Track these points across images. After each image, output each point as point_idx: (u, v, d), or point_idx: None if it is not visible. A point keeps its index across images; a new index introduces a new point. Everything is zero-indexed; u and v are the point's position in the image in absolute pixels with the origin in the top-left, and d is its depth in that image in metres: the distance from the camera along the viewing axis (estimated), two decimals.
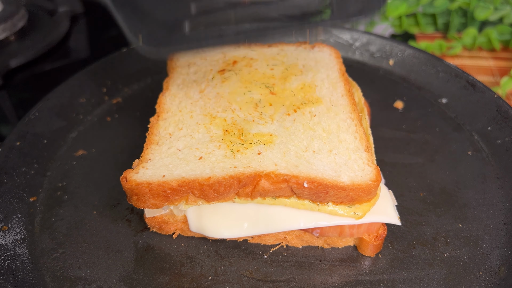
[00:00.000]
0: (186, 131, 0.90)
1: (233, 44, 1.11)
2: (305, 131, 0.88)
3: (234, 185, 0.80)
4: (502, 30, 1.45)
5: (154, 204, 0.83)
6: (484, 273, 0.85)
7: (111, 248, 0.91)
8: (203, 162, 0.83)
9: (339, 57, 1.08)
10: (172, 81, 1.04)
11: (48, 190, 1.02)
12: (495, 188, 0.99)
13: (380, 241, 0.87)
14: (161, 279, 0.86)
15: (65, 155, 1.10)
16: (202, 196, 0.81)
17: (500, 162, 1.04)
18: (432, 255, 0.88)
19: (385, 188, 0.92)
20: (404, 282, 0.85)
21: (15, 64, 1.47)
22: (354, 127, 0.89)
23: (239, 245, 0.91)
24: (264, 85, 0.98)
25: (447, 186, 1.01)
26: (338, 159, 0.84)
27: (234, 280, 0.85)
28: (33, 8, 1.70)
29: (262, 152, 0.84)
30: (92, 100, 1.24)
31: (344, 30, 1.39)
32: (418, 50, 1.30)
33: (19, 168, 1.03)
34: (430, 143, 1.11)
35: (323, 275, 0.86)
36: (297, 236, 0.90)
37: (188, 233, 0.93)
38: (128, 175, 0.82)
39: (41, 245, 0.91)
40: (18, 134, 1.08)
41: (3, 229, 0.91)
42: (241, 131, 0.88)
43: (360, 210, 0.83)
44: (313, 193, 0.80)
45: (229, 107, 0.93)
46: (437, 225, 0.93)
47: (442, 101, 1.21)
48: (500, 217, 0.94)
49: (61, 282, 0.85)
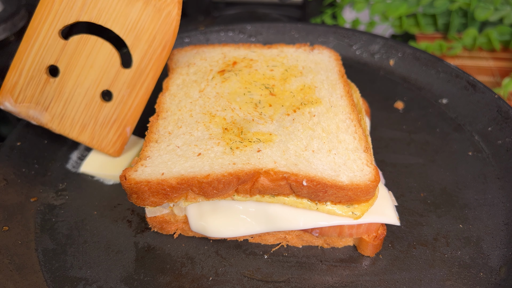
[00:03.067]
0: (185, 129, 0.91)
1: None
2: (304, 130, 0.88)
3: (233, 182, 0.80)
4: (502, 30, 1.45)
5: (153, 202, 0.83)
6: (485, 273, 0.85)
7: (111, 249, 0.91)
8: (202, 159, 0.83)
9: (338, 59, 1.08)
10: (172, 81, 1.04)
11: (49, 191, 1.02)
12: (496, 189, 0.99)
13: (379, 241, 0.87)
14: (162, 280, 0.86)
15: (66, 156, 1.10)
16: (202, 193, 0.81)
17: (500, 163, 1.04)
18: (432, 256, 0.88)
19: (384, 188, 0.92)
20: (405, 283, 0.85)
21: None
22: (353, 128, 0.89)
23: (239, 245, 0.92)
24: (264, 86, 0.98)
25: (447, 186, 1.01)
26: (337, 159, 0.84)
27: (234, 281, 0.85)
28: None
29: (261, 150, 0.84)
30: None
31: (344, 30, 1.39)
32: (419, 50, 1.30)
33: (19, 169, 1.03)
34: (431, 143, 1.11)
35: (324, 276, 0.86)
36: (297, 236, 0.90)
37: (189, 233, 0.93)
38: (127, 174, 0.83)
39: (42, 245, 0.92)
40: (18, 134, 1.08)
41: (4, 229, 0.91)
42: (240, 130, 0.88)
43: (359, 210, 0.83)
44: (312, 192, 0.80)
45: (228, 107, 0.94)
46: (437, 226, 0.93)
47: (443, 102, 1.21)
48: (501, 217, 0.94)
49: (62, 283, 0.85)
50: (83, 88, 0.99)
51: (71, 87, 0.99)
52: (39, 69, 0.99)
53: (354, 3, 1.58)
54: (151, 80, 1.00)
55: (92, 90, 1.00)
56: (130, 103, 1.01)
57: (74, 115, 1.01)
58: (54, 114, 1.01)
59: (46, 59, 0.98)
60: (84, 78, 0.99)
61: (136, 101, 1.01)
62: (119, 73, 0.99)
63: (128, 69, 0.99)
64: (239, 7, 1.79)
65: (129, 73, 0.99)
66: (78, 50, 0.97)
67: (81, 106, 1.01)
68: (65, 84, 0.99)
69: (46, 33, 0.96)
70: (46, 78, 0.99)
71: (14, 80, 0.99)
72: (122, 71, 0.99)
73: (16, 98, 1.00)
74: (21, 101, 1.00)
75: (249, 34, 1.41)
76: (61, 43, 0.97)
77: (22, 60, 0.98)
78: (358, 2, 1.57)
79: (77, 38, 0.97)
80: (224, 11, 1.78)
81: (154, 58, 0.97)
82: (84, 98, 1.00)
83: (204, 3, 1.79)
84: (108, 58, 0.98)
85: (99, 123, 1.02)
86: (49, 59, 0.98)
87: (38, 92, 1.00)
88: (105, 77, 0.99)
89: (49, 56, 0.98)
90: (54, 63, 0.98)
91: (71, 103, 1.00)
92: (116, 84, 0.99)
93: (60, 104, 1.00)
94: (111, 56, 0.98)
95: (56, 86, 0.99)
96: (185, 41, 1.38)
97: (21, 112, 1.01)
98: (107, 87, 1.00)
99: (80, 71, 0.98)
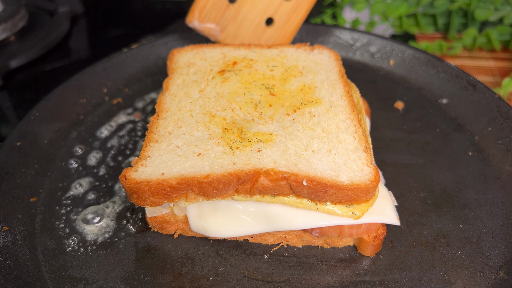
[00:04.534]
0: (186, 129, 0.91)
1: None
2: (304, 130, 0.88)
3: (233, 182, 0.80)
4: (502, 30, 1.45)
5: (154, 202, 0.83)
6: (485, 273, 0.85)
7: (111, 249, 0.91)
8: (202, 159, 0.83)
9: (338, 59, 1.08)
10: (172, 81, 1.04)
11: (49, 190, 1.02)
12: (496, 189, 0.99)
13: (379, 241, 0.87)
14: (162, 280, 0.86)
15: (66, 155, 1.10)
16: (202, 193, 0.81)
17: (500, 163, 1.04)
18: (432, 256, 0.88)
19: (384, 188, 0.92)
20: (405, 283, 0.85)
21: (16, 64, 1.47)
22: (354, 128, 0.89)
23: (239, 245, 0.92)
24: (264, 86, 0.98)
25: (447, 186, 1.01)
26: (337, 159, 0.84)
27: (234, 281, 0.85)
28: (33, 8, 1.70)
29: (261, 150, 0.84)
30: (93, 101, 1.24)
31: (344, 30, 1.39)
32: (419, 50, 1.30)
33: (19, 169, 1.03)
34: (431, 143, 1.11)
35: (324, 276, 0.86)
36: (297, 236, 0.90)
37: (189, 233, 0.93)
38: (127, 174, 0.82)
39: (42, 245, 0.92)
40: (18, 134, 1.08)
41: (4, 229, 0.91)
42: (240, 130, 0.88)
43: (359, 210, 0.83)
44: (312, 192, 0.80)
45: (228, 107, 0.94)
46: (437, 226, 0.93)
47: (443, 102, 1.21)
48: (501, 217, 0.94)
49: (62, 283, 0.85)
50: (253, 13, 1.22)
51: (245, 12, 1.21)
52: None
53: (354, 3, 1.58)
54: (305, 12, 1.23)
55: (259, 16, 1.22)
56: (286, 29, 1.24)
57: (243, 35, 1.23)
58: (228, 34, 1.22)
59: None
60: (256, 5, 1.21)
61: (291, 28, 1.24)
62: (281, 3, 1.22)
63: (288, 1, 1.22)
64: None
65: (288, 4, 1.22)
66: None
67: (250, 28, 1.22)
68: (240, 10, 1.21)
69: None
70: (227, 4, 1.20)
71: (203, 3, 1.19)
72: (283, 2, 1.22)
73: (202, 19, 1.20)
74: (206, 21, 1.21)
75: None
76: None
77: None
78: (358, 2, 1.57)
79: None
80: None
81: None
82: (253, 22, 1.22)
83: None
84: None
85: (261, 43, 1.24)
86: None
87: (220, 15, 1.21)
88: (271, 6, 1.21)
89: None
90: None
91: (243, 25, 1.22)
92: (278, 13, 1.22)
93: (234, 26, 1.22)
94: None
95: (234, 11, 1.21)
96: (185, 41, 1.38)
97: (204, 30, 1.22)
98: (270, 15, 1.22)
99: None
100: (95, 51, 1.63)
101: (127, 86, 1.30)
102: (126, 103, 1.25)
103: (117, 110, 1.23)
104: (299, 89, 0.97)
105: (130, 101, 1.26)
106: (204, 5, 1.19)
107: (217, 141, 0.86)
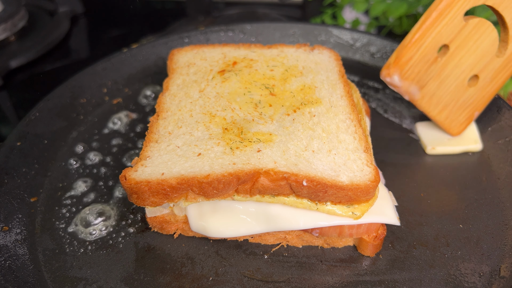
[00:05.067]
0: (186, 129, 0.91)
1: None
2: (304, 130, 0.88)
3: (233, 182, 0.80)
4: None
5: (154, 202, 0.83)
6: (485, 273, 0.85)
7: (111, 249, 0.91)
8: (202, 159, 0.83)
9: (338, 59, 1.08)
10: (172, 81, 1.04)
11: (49, 191, 1.02)
12: (496, 189, 0.99)
13: (379, 241, 0.87)
14: (162, 280, 0.86)
15: (66, 155, 1.10)
16: (202, 193, 0.81)
17: (500, 163, 1.04)
18: (432, 256, 0.88)
19: (384, 188, 0.92)
20: (405, 283, 0.85)
21: (16, 64, 1.47)
22: (354, 128, 0.89)
23: (239, 245, 0.92)
24: (264, 86, 0.98)
25: (447, 186, 1.01)
26: (337, 159, 0.84)
27: (234, 281, 0.85)
28: (33, 8, 1.70)
29: (261, 150, 0.84)
30: (93, 101, 1.24)
31: (344, 30, 1.39)
32: None
33: (19, 169, 1.03)
34: None
35: (324, 276, 0.86)
36: (297, 236, 0.90)
37: (189, 233, 0.93)
38: (127, 174, 0.83)
39: (42, 245, 0.92)
40: (18, 134, 1.08)
41: (4, 229, 0.91)
42: (240, 130, 0.88)
43: (359, 210, 0.83)
44: (312, 192, 0.80)
45: (229, 107, 0.94)
46: (437, 226, 0.93)
47: None
48: (501, 217, 0.94)
49: (62, 283, 0.85)
50: (459, 70, 1.02)
51: (451, 68, 1.01)
52: (434, 47, 0.98)
53: (354, 3, 1.58)
54: (511, 72, 1.04)
55: (465, 73, 1.02)
56: (487, 90, 1.05)
57: (442, 95, 1.04)
58: (426, 93, 1.03)
59: (443, 38, 0.97)
60: (465, 61, 1.01)
61: (494, 88, 1.05)
62: (492, 60, 1.02)
63: (499, 58, 1.01)
64: (239, 7, 1.79)
65: (498, 61, 1.02)
66: (471, 32, 0.98)
67: (451, 87, 1.03)
68: (447, 65, 1.01)
69: (455, 13, 0.95)
70: (435, 57, 0.99)
71: (409, 55, 0.98)
72: (494, 59, 1.02)
73: (404, 74, 1.00)
74: (407, 78, 1.00)
75: (249, 34, 1.41)
76: (461, 24, 0.97)
77: (425, 37, 0.96)
78: (358, 2, 1.57)
79: (475, 21, 0.97)
80: (224, 11, 1.78)
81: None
82: (456, 80, 1.02)
83: (204, 3, 1.79)
84: (491, 44, 1.00)
85: (457, 105, 1.05)
86: (446, 38, 0.97)
87: (423, 70, 1.00)
88: (480, 62, 1.01)
89: (447, 36, 0.97)
90: (448, 43, 0.98)
91: (444, 83, 1.03)
92: (485, 70, 1.02)
93: (435, 84, 1.02)
94: (493, 43, 1.00)
95: (440, 66, 1.00)
96: (185, 41, 1.38)
97: (403, 87, 1.01)
98: (477, 72, 1.03)
99: (464, 53, 1.00)
100: (95, 51, 1.63)
101: (127, 86, 1.30)
102: (126, 103, 1.25)
103: (117, 110, 1.23)
104: (299, 89, 0.97)
105: (130, 101, 1.26)
106: (410, 56, 0.98)
107: (217, 141, 0.86)
